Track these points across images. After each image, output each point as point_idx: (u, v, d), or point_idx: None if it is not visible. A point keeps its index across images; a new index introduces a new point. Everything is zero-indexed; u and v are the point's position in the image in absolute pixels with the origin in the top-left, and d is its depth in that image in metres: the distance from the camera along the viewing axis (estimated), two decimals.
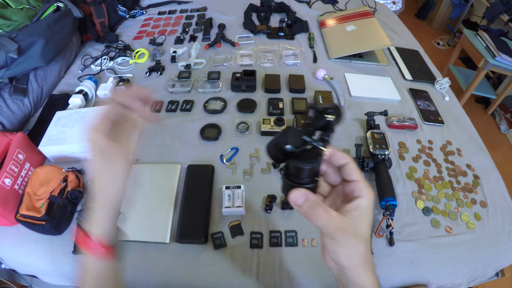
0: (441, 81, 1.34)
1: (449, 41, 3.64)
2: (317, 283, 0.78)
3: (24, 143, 0.95)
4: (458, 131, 1.17)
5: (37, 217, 0.82)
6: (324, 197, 0.44)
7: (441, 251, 0.84)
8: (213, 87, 1.25)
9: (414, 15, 4.15)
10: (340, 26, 1.57)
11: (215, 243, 0.81)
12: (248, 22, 1.64)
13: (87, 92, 1.22)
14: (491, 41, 2.40)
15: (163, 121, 1.14)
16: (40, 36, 1.16)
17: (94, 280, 0.49)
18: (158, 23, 1.73)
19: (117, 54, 1.46)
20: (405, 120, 1.12)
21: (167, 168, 0.97)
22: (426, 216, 0.90)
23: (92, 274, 0.49)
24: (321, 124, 0.37)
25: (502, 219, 0.92)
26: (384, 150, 0.94)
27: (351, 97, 1.25)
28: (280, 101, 1.19)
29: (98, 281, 0.49)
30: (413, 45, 1.64)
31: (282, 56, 1.44)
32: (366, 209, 0.38)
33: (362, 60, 1.44)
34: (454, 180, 0.99)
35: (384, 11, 1.93)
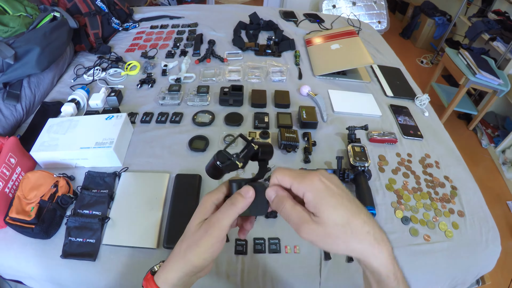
0: (421, 97, 1.40)
1: (432, 60, 3.76)
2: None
3: (16, 148, 0.95)
4: (437, 144, 1.21)
5: (26, 220, 0.82)
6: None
7: (420, 258, 0.87)
8: (201, 101, 1.28)
9: (398, 34, 4.28)
10: (325, 44, 1.64)
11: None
12: (237, 39, 1.69)
13: (79, 101, 1.24)
14: (472, 59, 2.50)
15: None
16: (36, 44, 1.17)
17: None
18: (150, 37, 1.77)
19: (109, 65, 1.49)
20: (385, 134, 1.17)
21: (156, 176, 0.99)
22: (405, 225, 0.93)
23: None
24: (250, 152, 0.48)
25: (479, 228, 0.95)
26: (364, 162, 0.99)
27: (334, 113, 1.30)
28: (265, 115, 1.23)
29: None
30: (395, 63, 1.70)
31: (269, 73, 1.48)
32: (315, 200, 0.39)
33: (345, 77, 1.50)
34: (432, 191, 1.03)
35: (368, 30, 2.02)
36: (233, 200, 0.45)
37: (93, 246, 0.85)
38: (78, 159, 1.01)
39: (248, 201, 0.45)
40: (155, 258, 0.83)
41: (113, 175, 0.99)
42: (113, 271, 0.82)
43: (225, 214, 0.44)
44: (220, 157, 0.46)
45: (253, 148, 0.48)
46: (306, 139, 1.14)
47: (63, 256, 0.83)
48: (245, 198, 0.45)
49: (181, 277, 0.45)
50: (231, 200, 0.45)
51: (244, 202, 0.44)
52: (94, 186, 0.97)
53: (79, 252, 0.84)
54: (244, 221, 0.52)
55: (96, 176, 0.99)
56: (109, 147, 0.97)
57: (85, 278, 0.83)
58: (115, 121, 1.05)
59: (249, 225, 0.52)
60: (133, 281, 0.81)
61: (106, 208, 0.92)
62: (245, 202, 0.45)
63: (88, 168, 1.02)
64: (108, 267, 0.82)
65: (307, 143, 1.12)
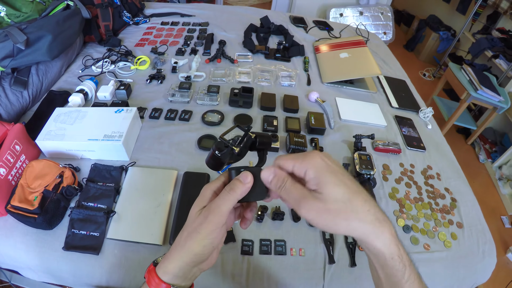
0: (425, 110, 1.42)
1: (434, 73, 3.79)
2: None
3: (21, 135, 0.94)
4: (439, 157, 1.24)
5: (29, 209, 0.80)
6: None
7: (419, 266, 0.85)
8: (211, 100, 1.29)
9: (403, 46, 4.31)
10: (334, 52, 1.65)
11: None
12: (247, 41, 1.70)
13: (87, 92, 1.23)
14: (474, 75, 2.53)
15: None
16: (49, 31, 1.16)
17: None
18: (160, 33, 1.77)
19: (118, 58, 1.49)
20: (389, 145, 1.18)
21: (164, 173, 0.99)
22: (406, 233, 0.95)
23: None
24: (248, 141, 0.50)
25: (476, 240, 0.98)
26: (370, 170, 1.01)
27: (341, 120, 1.31)
28: (274, 118, 1.24)
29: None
30: (401, 75, 1.72)
31: (278, 77, 1.50)
32: (317, 176, 0.40)
33: (352, 86, 1.51)
34: (433, 202, 1.05)
35: (375, 41, 2.04)
36: (232, 186, 0.44)
37: (97, 239, 0.83)
38: (84, 151, 1.00)
39: (247, 187, 0.44)
40: (160, 255, 0.82)
41: (120, 169, 0.99)
42: (117, 266, 0.81)
43: (224, 200, 0.44)
44: (217, 145, 0.48)
45: (251, 137, 0.49)
46: (314, 144, 1.15)
47: (65, 248, 0.81)
48: (244, 183, 0.44)
49: (182, 267, 0.44)
50: (230, 185, 0.44)
51: (242, 188, 0.44)
52: (100, 179, 0.96)
53: (82, 245, 0.82)
54: (245, 210, 0.51)
55: (103, 169, 0.98)
56: (118, 141, 0.96)
57: (87, 272, 0.82)
58: (125, 115, 1.05)
59: (250, 213, 0.51)
60: (137, 277, 0.80)
61: (112, 201, 0.91)
62: (244, 188, 0.44)
63: (94, 160, 1.01)
64: (112, 262, 0.82)
65: (315, 149, 1.13)
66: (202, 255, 0.44)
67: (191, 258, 0.44)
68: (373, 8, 3.23)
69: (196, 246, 0.43)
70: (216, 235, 0.44)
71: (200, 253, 0.44)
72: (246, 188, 0.44)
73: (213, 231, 0.43)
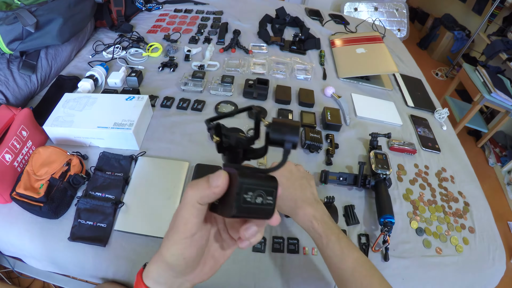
0: (440, 111, 1.39)
1: (447, 73, 3.74)
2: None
3: (29, 120, 0.91)
4: (453, 159, 1.21)
5: (35, 198, 0.78)
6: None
7: (431, 269, 0.87)
8: (225, 91, 1.26)
9: (416, 44, 4.26)
10: (350, 47, 1.62)
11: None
12: (263, 32, 1.66)
13: (97, 77, 1.21)
14: (489, 77, 2.49)
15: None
16: (60, 15, 1.13)
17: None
18: (173, 20, 1.74)
19: (130, 44, 1.46)
20: (405, 144, 1.16)
21: (175, 164, 0.97)
22: (419, 236, 0.93)
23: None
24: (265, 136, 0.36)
25: (487, 245, 0.96)
26: (386, 170, 0.98)
27: (357, 117, 1.29)
28: (289, 112, 1.22)
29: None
30: (417, 74, 1.69)
31: (294, 70, 1.47)
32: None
33: (368, 83, 1.48)
34: (446, 205, 1.03)
35: (391, 38, 2.00)
36: (194, 184, 0.34)
37: (104, 230, 0.81)
38: (93, 138, 0.98)
39: (213, 192, 0.33)
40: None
41: (130, 159, 0.96)
42: (124, 259, 0.79)
43: (183, 203, 0.35)
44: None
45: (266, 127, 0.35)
46: (329, 140, 1.13)
47: (71, 239, 0.79)
48: (210, 186, 0.33)
49: (160, 274, 0.39)
50: (192, 183, 0.35)
51: (205, 191, 0.33)
52: (109, 168, 0.94)
53: (89, 236, 0.80)
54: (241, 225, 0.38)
55: (111, 158, 0.96)
56: (128, 129, 0.94)
57: (92, 264, 0.80)
58: (136, 103, 1.02)
59: (248, 231, 0.36)
60: None
61: (120, 192, 0.88)
62: (208, 191, 0.33)
63: (103, 149, 0.98)
64: (119, 254, 0.80)
65: (330, 145, 1.11)
66: (175, 266, 0.38)
67: (165, 266, 0.38)
68: (388, 4, 3.17)
69: (166, 253, 0.37)
70: (185, 245, 0.36)
71: (172, 264, 0.37)
72: (210, 192, 0.33)
73: (180, 240, 0.36)
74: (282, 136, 0.34)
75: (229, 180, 0.33)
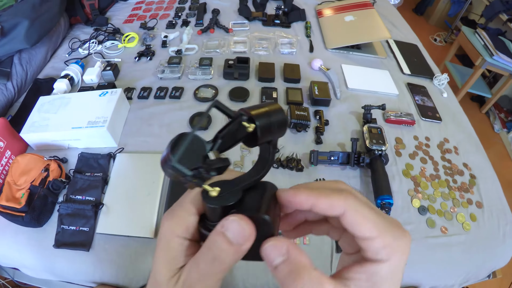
0: (439, 77, 1.31)
1: (446, 38, 3.63)
2: None
3: (5, 130, 0.89)
4: (456, 128, 1.15)
5: (16, 208, 0.78)
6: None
7: (436, 251, 0.82)
8: (204, 74, 1.21)
9: (412, 10, 4.12)
10: (338, 16, 1.53)
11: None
12: (243, 8, 1.58)
13: (73, 76, 1.17)
14: (490, 40, 2.39)
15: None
16: (24, 17, 1.10)
17: None
18: (150, 7, 1.67)
19: (106, 37, 1.40)
20: (402, 115, 1.09)
21: (154, 158, 0.93)
22: (421, 215, 0.88)
23: None
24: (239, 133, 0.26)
25: (497, 221, 0.91)
26: (381, 145, 0.91)
27: (348, 89, 1.22)
28: (274, 90, 1.15)
29: None
30: (412, 39, 1.60)
31: (278, 44, 1.40)
32: (385, 277, 0.24)
33: (360, 52, 1.41)
34: (451, 179, 0.97)
35: (383, 3, 1.90)
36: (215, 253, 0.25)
37: (87, 235, 0.80)
38: (70, 140, 0.96)
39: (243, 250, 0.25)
40: (151, 249, 0.77)
41: (108, 157, 0.94)
42: (108, 262, 0.79)
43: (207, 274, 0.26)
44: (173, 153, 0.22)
45: (245, 129, 0.25)
46: (318, 117, 1.06)
47: (56, 246, 0.78)
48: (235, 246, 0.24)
49: None
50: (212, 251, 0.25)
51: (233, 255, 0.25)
52: (88, 169, 0.92)
53: (72, 241, 0.79)
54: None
55: (90, 158, 0.94)
56: (102, 127, 0.91)
57: (79, 269, 0.79)
58: (110, 98, 0.99)
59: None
60: (128, 272, 0.77)
61: (100, 193, 0.86)
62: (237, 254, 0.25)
63: (82, 149, 0.96)
64: (103, 258, 0.78)
65: (319, 122, 1.05)
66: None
67: None
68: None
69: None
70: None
71: None
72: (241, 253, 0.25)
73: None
74: (270, 137, 0.27)
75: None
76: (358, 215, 0.24)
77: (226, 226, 0.24)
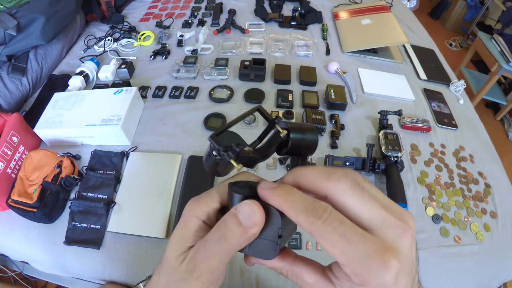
0: (456, 83, 1.29)
1: (461, 43, 3.57)
2: None
3: (19, 125, 0.90)
4: (471, 136, 1.13)
5: (28, 203, 0.78)
6: None
7: (449, 261, 0.81)
8: (219, 75, 1.20)
9: (427, 14, 4.07)
10: (355, 19, 1.51)
11: None
12: (259, 9, 1.57)
13: (87, 73, 1.18)
14: (506, 46, 2.35)
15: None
16: (40, 14, 1.11)
17: None
18: (166, 6, 1.68)
19: (121, 35, 1.41)
20: (418, 122, 1.08)
21: (167, 158, 0.93)
22: (435, 224, 0.86)
23: None
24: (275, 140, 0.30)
25: (511, 231, 0.89)
26: (397, 152, 0.90)
27: (364, 93, 1.20)
28: (289, 93, 1.14)
29: None
30: (429, 44, 1.58)
31: (294, 46, 1.38)
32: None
33: (376, 56, 1.39)
34: (466, 188, 0.95)
35: (400, 7, 1.88)
36: (223, 231, 0.27)
37: (98, 232, 0.80)
38: (84, 137, 0.96)
39: (251, 234, 0.26)
40: (162, 249, 0.77)
41: (121, 155, 0.94)
42: (118, 260, 0.78)
43: (212, 253, 0.28)
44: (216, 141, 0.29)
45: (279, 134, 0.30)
46: (334, 121, 1.05)
47: (66, 243, 0.79)
48: (244, 227, 0.26)
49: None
50: (220, 229, 0.27)
51: (241, 236, 0.26)
52: (100, 166, 0.92)
53: (83, 238, 0.79)
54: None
55: (103, 156, 0.94)
56: (116, 125, 0.91)
57: (89, 266, 0.79)
58: (124, 96, 0.99)
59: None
60: (139, 272, 0.77)
61: (113, 191, 0.86)
62: (245, 236, 0.26)
63: (95, 147, 0.96)
64: (113, 256, 0.78)
65: (335, 126, 1.04)
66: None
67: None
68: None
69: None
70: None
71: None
72: (248, 236, 0.26)
73: (203, 286, 0.29)
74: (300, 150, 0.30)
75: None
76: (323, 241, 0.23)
77: (239, 208, 0.26)
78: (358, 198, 0.24)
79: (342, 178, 0.25)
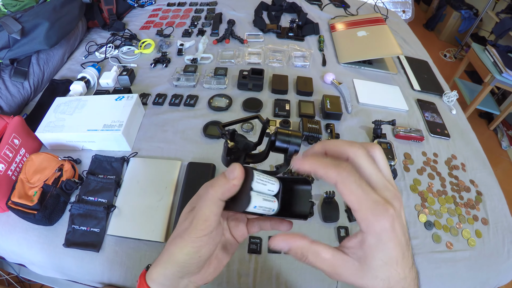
0: (449, 94, 1.32)
1: (456, 54, 3.63)
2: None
3: (20, 128, 0.91)
4: (463, 145, 1.15)
5: (28, 205, 0.78)
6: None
7: (441, 266, 0.82)
8: (219, 84, 1.22)
9: (422, 25, 4.14)
10: (351, 30, 1.55)
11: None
12: (258, 20, 1.61)
13: (89, 79, 1.19)
14: (499, 57, 2.39)
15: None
16: (45, 19, 1.12)
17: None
18: (166, 15, 1.71)
19: (122, 42, 1.43)
20: (411, 131, 1.10)
21: (167, 164, 0.94)
22: (427, 230, 0.88)
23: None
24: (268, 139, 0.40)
25: (502, 238, 0.91)
26: (391, 160, 0.92)
27: (359, 104, 1.23)
28: (286, 102, 1.16)
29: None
30: (423, 55, 1.62)
31: (291, 57, 1.41)
32: (373, 246, 0.30)
33: (371, 67, 1.42)
34: (457, 195, 0.98)
35: (395, 19, 1.92)
36: (213, 181, 0.36)
37: (97, 236, 0.81)
38: (85, 142, 0.97)
39: (232, 185, 0.34)
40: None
41: (121, 160, 0.95)
42: (117, 264, 0.79)
43: (204, 200, 0.36)
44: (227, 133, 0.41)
45: (269, 133, 0.40)
46: (329, 131, 1.07)
47: (66, 245, 0.79)
48: (227, 178, 0.35)
49: (166, 275, 0.38)
50: (211, 181, 0.36)
51: (225, 185, 0.34)
52: (101, 171, 0.93)
53: (83, 241, 0.80)
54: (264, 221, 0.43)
55: (103, 161, 0.95)
56: (117, 131, 0.92)
57: (88, 269, 0.80)
58: (126, 102, 1.00)
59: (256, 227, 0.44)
60: (137, 275, 0.77)
61: (113, 195, 0.87)
62: (227, 185, 0.34)
63: (96, 152, 0.97)
64: (112, 259, 0.79)
65: (330, 135, 1.06)
66: (187, 265, 0.37)
67: (174, 266, 0.37)
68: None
69: (178, 253, 0.36)
70: (202, 243, 0.36)
71: (184, 263, 0.37)
72: (230, 186, 0.34)
73: (198, 238, 0.36)
74: (285, 145, 0.38)
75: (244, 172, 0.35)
76: (345, 188, 0.30)
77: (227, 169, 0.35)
78: (370, 163, 0.32)
79: (361, 146, 0.33)
